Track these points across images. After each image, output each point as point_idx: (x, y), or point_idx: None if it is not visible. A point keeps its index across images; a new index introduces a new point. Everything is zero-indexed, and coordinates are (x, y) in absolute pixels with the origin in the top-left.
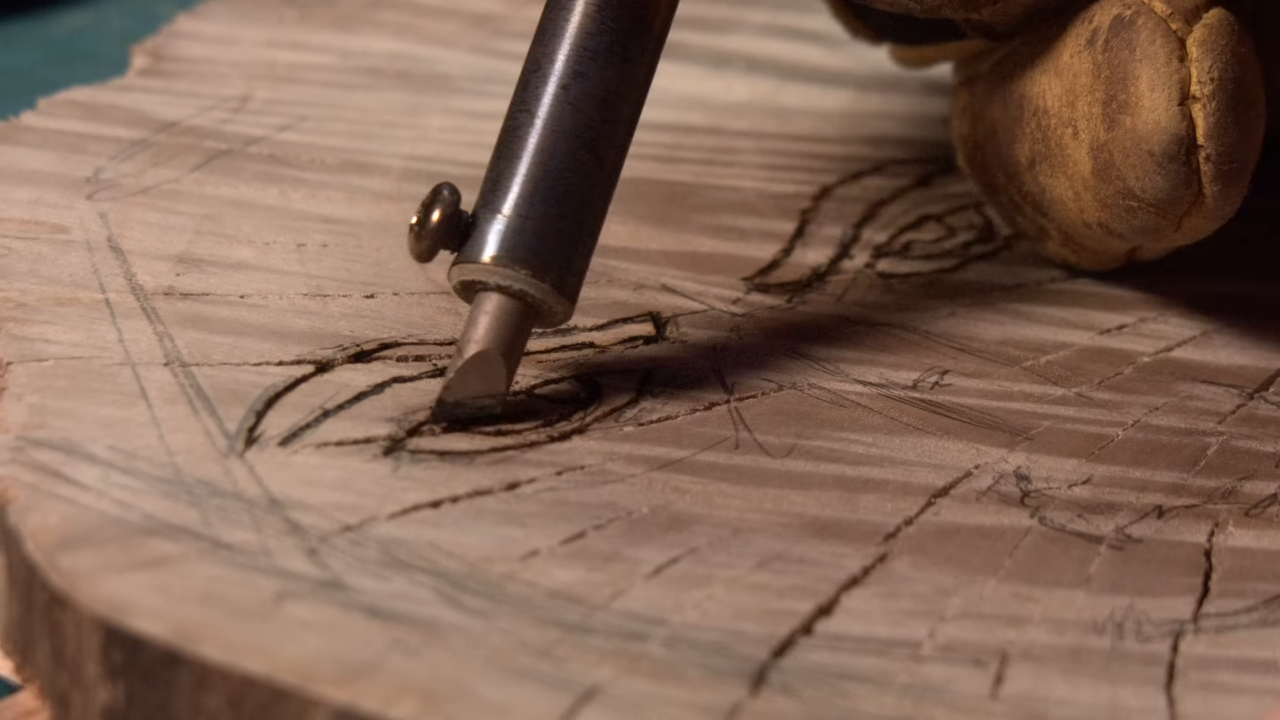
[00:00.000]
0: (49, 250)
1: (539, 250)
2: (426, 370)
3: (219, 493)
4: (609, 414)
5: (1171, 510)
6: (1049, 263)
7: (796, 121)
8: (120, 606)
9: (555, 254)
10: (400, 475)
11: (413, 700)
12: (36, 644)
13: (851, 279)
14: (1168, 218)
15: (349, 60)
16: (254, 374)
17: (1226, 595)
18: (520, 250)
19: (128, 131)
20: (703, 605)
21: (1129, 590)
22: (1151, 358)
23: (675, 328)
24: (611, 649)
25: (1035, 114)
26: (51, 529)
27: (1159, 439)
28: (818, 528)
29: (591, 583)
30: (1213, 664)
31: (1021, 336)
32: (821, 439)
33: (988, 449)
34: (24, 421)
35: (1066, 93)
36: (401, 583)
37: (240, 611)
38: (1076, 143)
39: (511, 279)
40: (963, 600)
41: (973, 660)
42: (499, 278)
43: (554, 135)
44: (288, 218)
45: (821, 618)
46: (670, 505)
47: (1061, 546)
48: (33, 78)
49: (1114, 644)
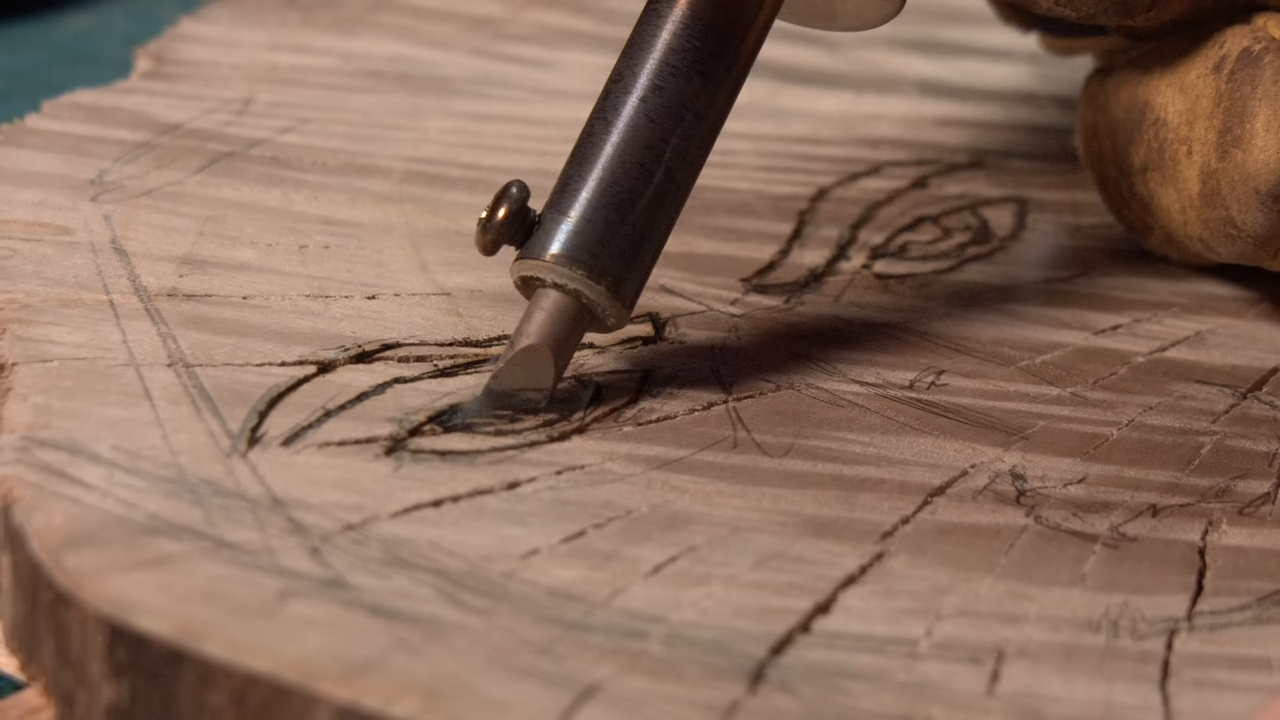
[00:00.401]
0: (53, 252)
1: (598, 254)
2: (427, 371)
3: (222, 492)
4: (608, 414)
5: (1166, 509)
6: (1044, 263)
7: (794, 124)
8: (124, 605)
9: (614, 259)
10: (402, 475)
11: (414, 698)
12: (41, 642)
13: (848, 280)
14: (1265, 250)
15: (350, 63)
16: (257, 374)
17: (1220, 593)
18: (580, 251)
19: (131, 134)
20: (701, 603)
21: (1124, 588)
22: (1146, 358)
23: (674, 328)
24: (611, 647)
25: (1155, 123)
26: (56, 528)
27: (1153, 438)
28: (815, 527)
29: (591, 581)
30: (1207, 661)
31: (1017, 337)
32: (819, 439)
33: (983, 448)
34: (29, 422)
35: (1187, 111)
36: (403, 581)
37: (243, 610)
38: (1189, 162)
39: (568, 278)
40: (959, 598)
41: (969, 658)
42: (556, 275)
43: (627, 145)
44: (290, 219)
45: (819, 616)
46: (669, 504)
47: (1057, 545)
48: (37, 80)
49: (1109, 641)
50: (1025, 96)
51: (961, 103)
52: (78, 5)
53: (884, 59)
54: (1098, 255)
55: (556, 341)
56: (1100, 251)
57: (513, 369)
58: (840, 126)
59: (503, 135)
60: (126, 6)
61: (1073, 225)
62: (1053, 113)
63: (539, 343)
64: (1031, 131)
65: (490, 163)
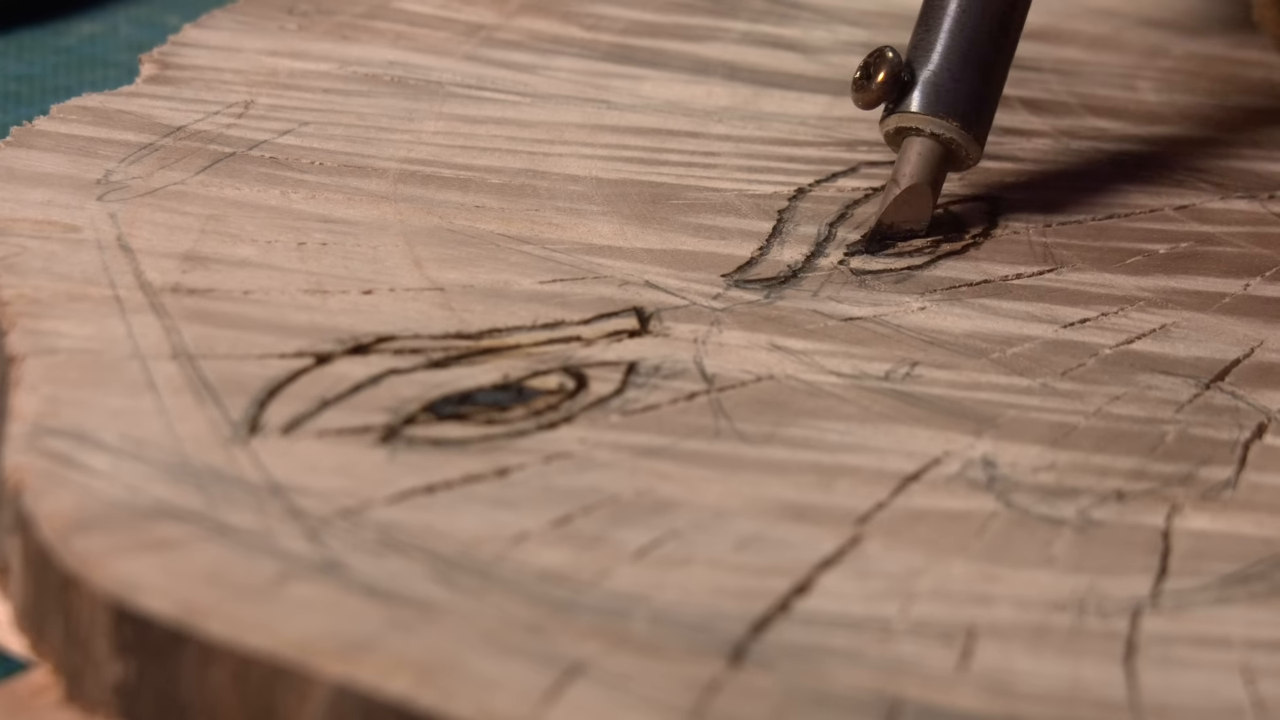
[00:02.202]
0: (61, 249)
1: (958, 104)
2: (421, 362)
3: (224, 478)
4: (595, 404)
5: (1131, 494)
6: (1014, 260)
7: (774, 126)
8: (130, 586)
9: (971, 108)
10: (396, 462)
11: (408, 675)
12: (50, 622)
13: (826, 275)
14: None
15: (347, 68)
16: (257, 366)
17: (1183, 575)
18: (945, 104)
19: (136, 136)
20: (684, 584)
21: (1090, 570)
22: (1112, 350)
23: (659, 322)
24: (597, 626)
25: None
26: (64, 513)
27: (1119, 427)
28: (794, 511)
29: (578, 563)
30: (1170, 640)
31: (988, 330)
32: (797, 427)
33: (956, 437)
34: (38, 411)
35: None
36: (397, 563)
37: (244, 591)
38: None
39: (942, 128)
40: (932, 580)
41: (942, 637)
42: (933, 126)
43: (970, 11)
44: (289, 218)
45: (798, 596)
46: (654, 490)
47: (1026, 529)
48: (45, 84)
49: (1076, 621)
50: None
51: None
52: (85, 13)
53: None
54: (1066, 252)
55: (933, 179)
56: (1068, 249)
57: (898, 206)
58: (818, 129)
59: (494, 137)
60: (132, 14)
61: (1042, 224)
62: (1023, 114)
63: (920, 181)
64: (1003, 134)
65: (482, 163)
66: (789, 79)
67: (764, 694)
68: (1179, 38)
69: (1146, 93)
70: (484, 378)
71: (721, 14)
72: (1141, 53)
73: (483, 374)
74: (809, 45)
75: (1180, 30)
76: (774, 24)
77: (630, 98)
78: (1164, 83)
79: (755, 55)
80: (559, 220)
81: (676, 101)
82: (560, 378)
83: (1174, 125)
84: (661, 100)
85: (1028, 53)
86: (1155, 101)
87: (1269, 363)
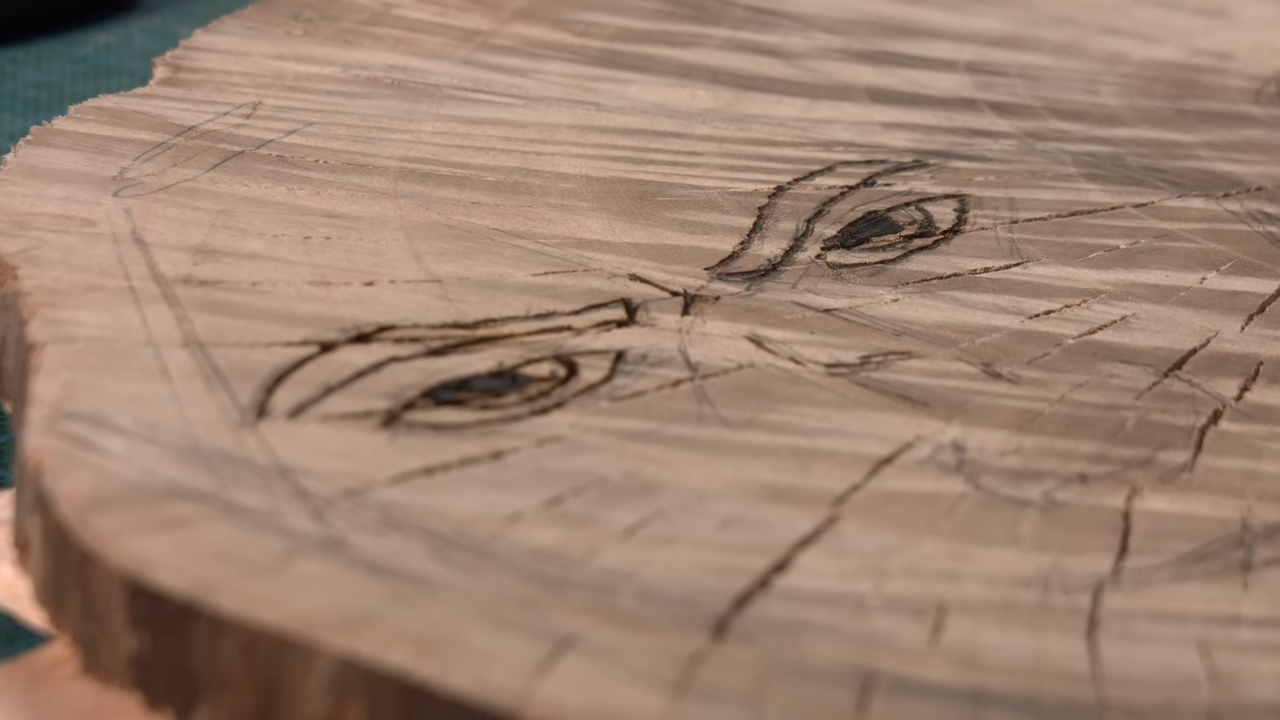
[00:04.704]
0: (79, 242)
1: None
2: (420, 350)
3: (233, 460)
4: (585, 391)
5: (1093, 477)
6: (983, 254)
7: (754, 127)
8: (144, 563)
9: None
10: (397, 445)
11: (407, 647)
12: (68, 597)
13: (804, 269)
14: None
15: (350, 71)
16: (264, 353)
17: (1143, 554)
18: None
19: (150, 135)
20: (670, 562)
21: (1055, 549)
22: (1075, 340)
23: (645, 313)
24: (587, 601)
25: None
26: (82, 493)
27: (1082, 413)
28: (774, 493)
29: (569, 542)
30: (1130, 615)
31: (958, 321)
32: (777, 413)
33: (927, 422)
34: (57, 396)
35: None
36: (398, 542)
37: (252, 567)
38: None
39: None
40: (905, 558)
41: (914, 612)
42: None
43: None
44: (294, 213)
45: (777, 574)
46: (640, 472)
47: (994, 510)
48: (63, 91)
49: (1041, 597)
50: (965, 102)
51: (907, 108)
52: (101, 24)
53: (837, 69)
54: (1031, 247)
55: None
56: (1034, 243)
57: None
58: (797, 130)
59: (489, 137)
60: (145, 25)
61: (1009, 220)
62: (990, 117)
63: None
64: (971, 134)
65: (477, 162)
66: (769, 83)
67: (745, 666)
68: (1138, 44)
69: (1107, 96)
70: (480, 365)
71: (705, 21)
72: (1102, 59)
73: (479, 362)
74: (788, 51)
75: (1139, 37)
76: (755, 31)
77: (618, 100)
78: (1124, 87)
79: (737, 60)
80: (551, 216)
81: (662, 104)
82: (552, 365)
83: (1134, 127)
84: (648, 102)
85: (995, 58)
86: (1116, 105)
87: (1224, 352)
